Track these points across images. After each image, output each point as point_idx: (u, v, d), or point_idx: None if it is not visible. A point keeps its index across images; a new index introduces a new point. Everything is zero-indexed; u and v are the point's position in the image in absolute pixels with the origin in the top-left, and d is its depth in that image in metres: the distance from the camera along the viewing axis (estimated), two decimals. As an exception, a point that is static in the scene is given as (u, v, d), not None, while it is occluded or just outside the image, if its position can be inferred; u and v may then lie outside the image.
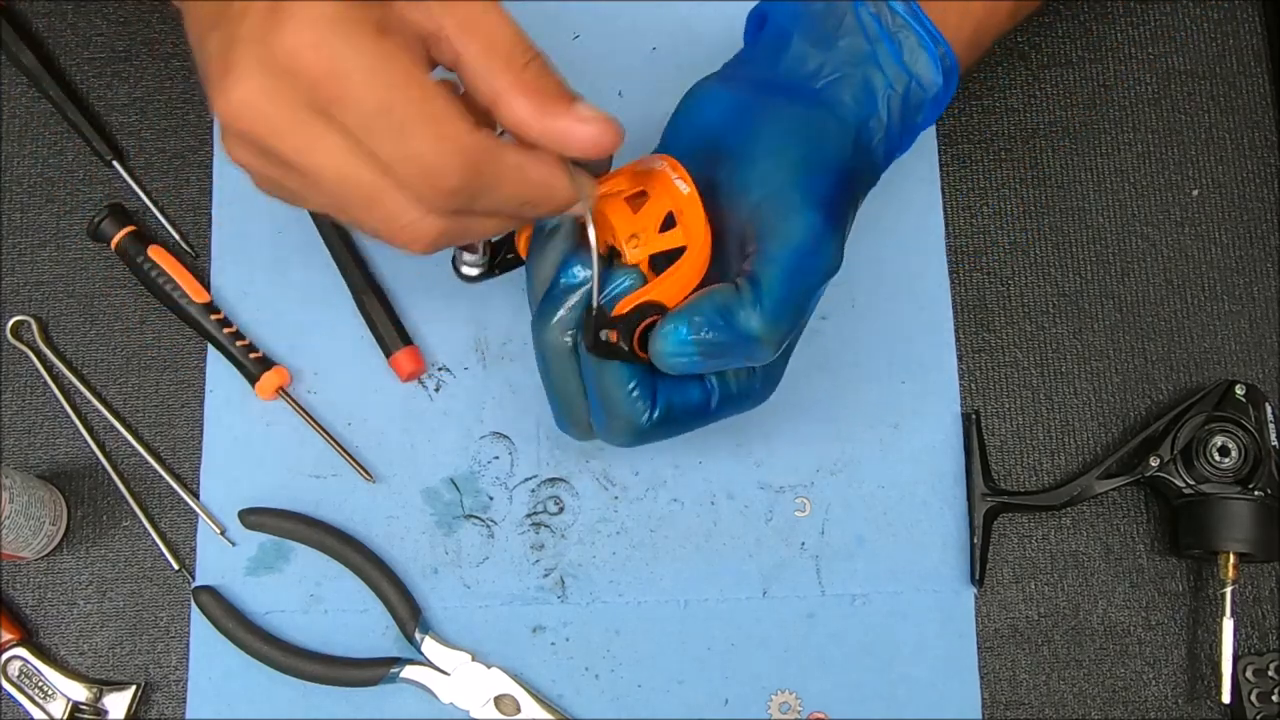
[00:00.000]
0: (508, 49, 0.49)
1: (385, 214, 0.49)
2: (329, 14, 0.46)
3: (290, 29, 0.46)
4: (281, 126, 0.47)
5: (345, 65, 0.46)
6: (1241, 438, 0.66)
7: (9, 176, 0.74)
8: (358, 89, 0.46)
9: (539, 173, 0.50)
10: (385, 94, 0.46)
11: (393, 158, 0.47)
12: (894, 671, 0.68)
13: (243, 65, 0.46)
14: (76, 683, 0.67)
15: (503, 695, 0.67)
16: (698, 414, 0.58)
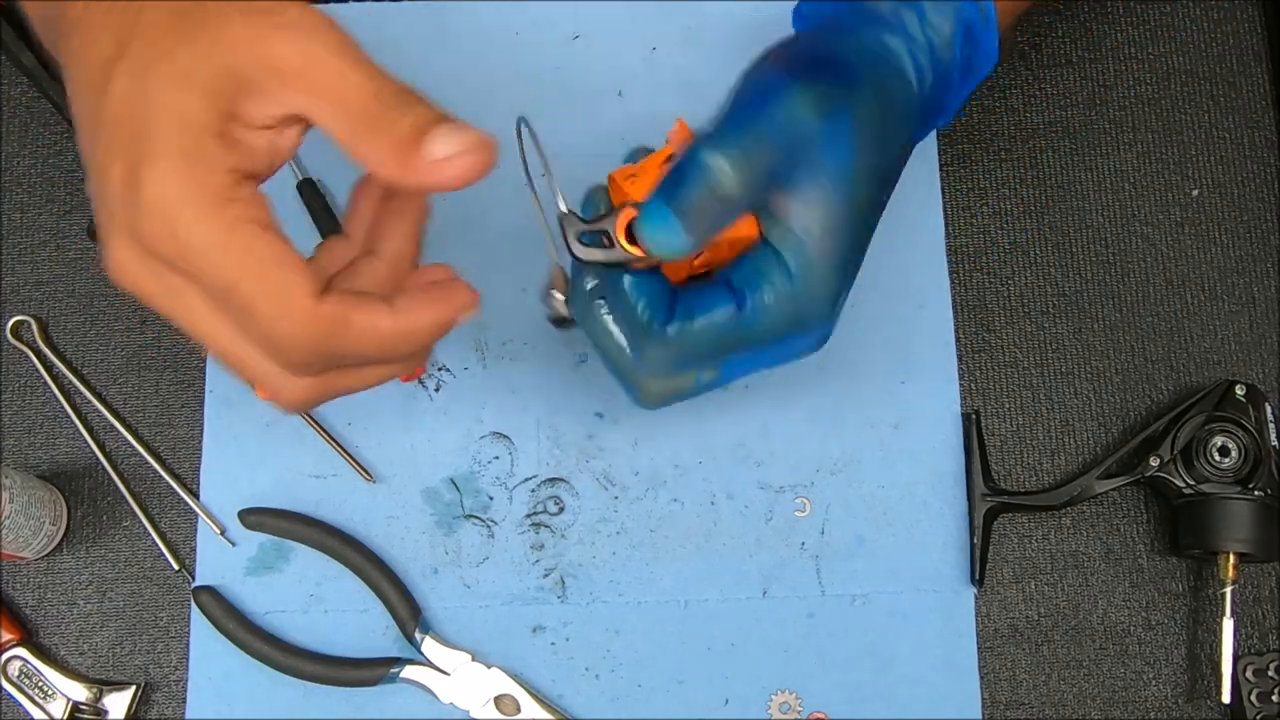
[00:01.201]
0: (356, 105, 0.48)
1: (254, 375, 0.50)
2: (173, 194, 0.46)
3: (144, 214, 0.47)
4: (153, 290, 0.49)
5: (192, 246, 0.46)
6: (1241, 438, 0.66)
7: (9, 176, 0.74)
8: (205, 268, 0.47)
9: (391, 323, 0.50)
10: (229, 273, 0.47)
11: (245, 330, 0.48)
12: (894, 671, 0.68)
13: (116, 240, 0.48)
14: (76, 683, 0.67)
15: (503, 695, 0.67)
16: (728, 326, 0.54)
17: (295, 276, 0.47)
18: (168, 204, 0.46)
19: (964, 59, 0.58)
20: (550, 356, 0.71)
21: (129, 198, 0.47)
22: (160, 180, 0.46)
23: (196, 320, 0.49)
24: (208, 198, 0.47)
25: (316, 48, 0.48)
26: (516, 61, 0.75)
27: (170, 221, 0.46)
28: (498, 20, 0.75)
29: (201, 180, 0.47)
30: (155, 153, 0.47)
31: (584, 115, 0.74)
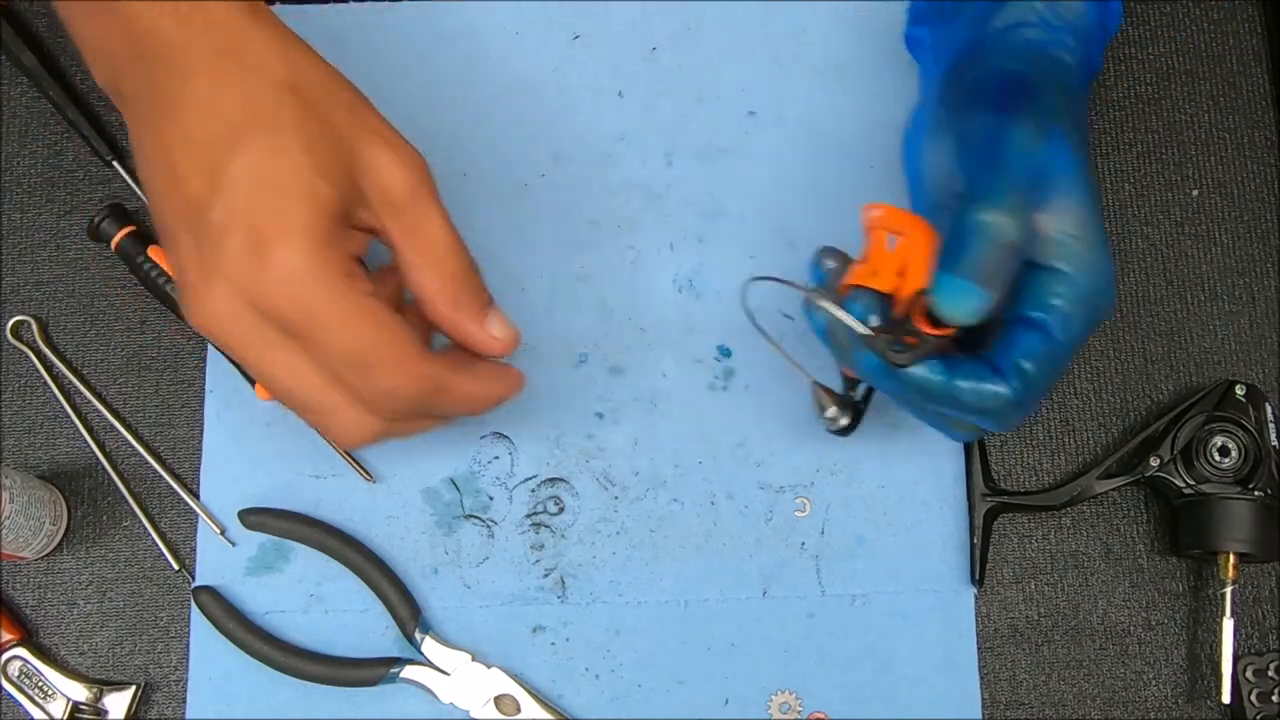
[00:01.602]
0: (441, 258, 0.57)
1: (333, 422, 0.57)
2: (304, 268, 0.52)
3: (272, 280, 0.52)
4: (248, 342, 0.54)
5: (318, 314, 0.53)
6: (1241, 438, 0.66)
7: (9, 176, 0.74)
8: (329, 334, 0.53)
9: (475, 388, 0.58)
10: (353, 338, 0.53)
11: (355, 386, 0.55)
12: (894, 671, 0.68)
13: (218, 291, 0.53)
14: (76, 683, 0.67)
15: (503, 695, 0.67)
16: (1048, 352, 0.57)
17: (410, 338, 0.55)
18: (300, 276, 0.52)
19: (1099, 18, 0.62)
20: (550, 356, 0.71)
21: (253, 262, 0.52)
22: (295, 253, 0.52)
23: (285, 371, 0.55)
24: (338, 274, 0.53)
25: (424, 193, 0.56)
26: (516, 61, 0.75)
27: (300, 291, 0.52)
28: (498, 20, 0.75)
29: (332, 258, 0.53)
30: (292, 228, 0.52)
31: (584, 115, 0.74)
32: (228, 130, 0.53)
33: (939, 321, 0.56)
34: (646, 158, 0.73)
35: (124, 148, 0.74)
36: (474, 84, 0.74)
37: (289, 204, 0.52)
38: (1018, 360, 0.57)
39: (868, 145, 0.73)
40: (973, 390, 0.57)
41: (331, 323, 0.53)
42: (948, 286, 0.55)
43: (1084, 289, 0.57)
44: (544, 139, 0.73)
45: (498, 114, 0.74)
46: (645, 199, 0.73)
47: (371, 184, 0.55)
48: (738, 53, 0.75)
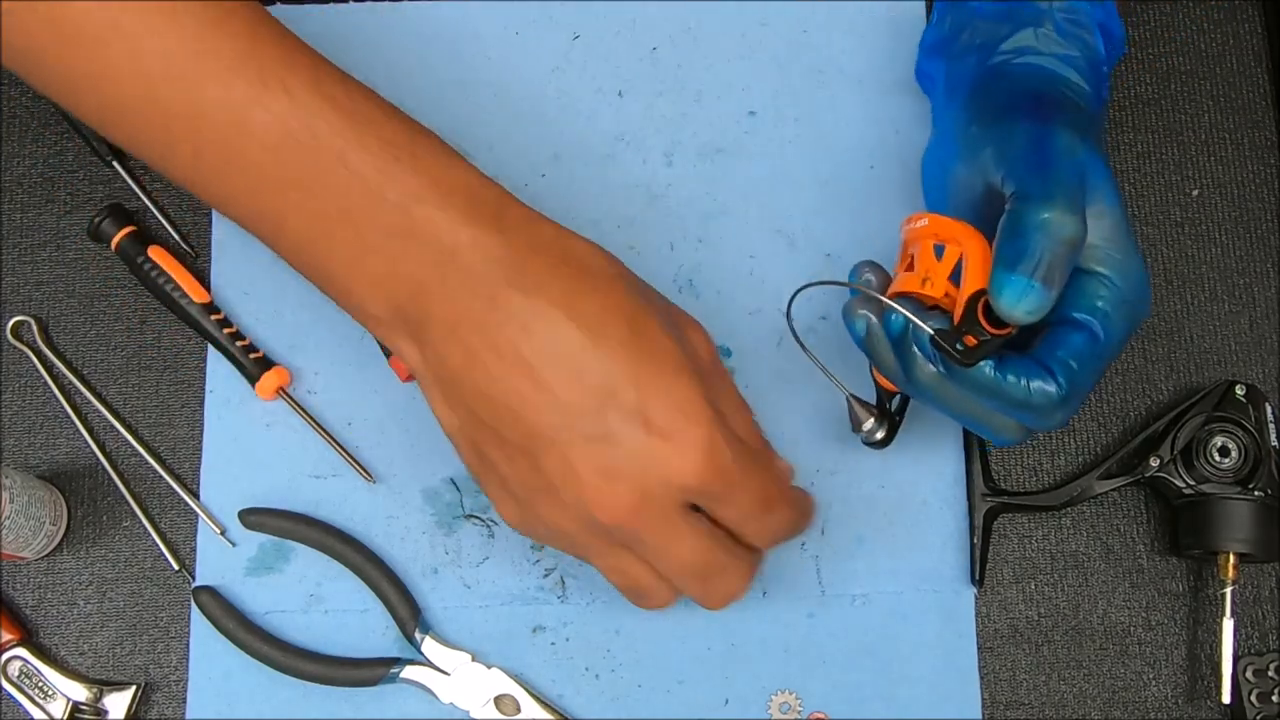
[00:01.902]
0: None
1: (653, 601, 0.60)
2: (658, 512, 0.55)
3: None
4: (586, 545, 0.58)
5: (675, 535, 0.56)
6: (1241, 438, 0.66)
7: (9, 176, 0.74)
8: (676, 557, 0.57)
9: (790, 523, 0.61)
10: (698, 560, 0.57)
11: (701, 589, 0.59)
12: (894, 671, 0.68)
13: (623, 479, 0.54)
14: (76, 683, 0.67)
15: (503, 695, 0.67)
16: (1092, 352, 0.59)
17: (742, 556, 0.59)
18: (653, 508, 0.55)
19: (1105, 49, 0.65)
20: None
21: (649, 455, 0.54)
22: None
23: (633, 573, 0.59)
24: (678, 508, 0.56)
25: (706, 369, 0.57)
26: (516, 61, 0.75)
27: (650, 519, 0.55)
28: (498, 20, 0.75)
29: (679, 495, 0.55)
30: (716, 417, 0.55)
31: (584, 115, 0.74)
32: (587, 336, 0.53)
33: (998, 322, 0.57)
34: (646, 158, 0.73)
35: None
36: (474, 84, 0.74)
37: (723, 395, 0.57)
38: (1065, 359, 0.58)
39: (867, 144, 0.73)
40: (1022, 387, 0.58)
41: (678, 547, 0.57)
42: (1011, 285, 0.56)
43: (1124, 291, 0.59)
44: (544, 139, 0.73)
45: (498, 114, 0.74)
46: (645, 199, 0.73)
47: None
48: (738, 53, 0.75)
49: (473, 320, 0.53)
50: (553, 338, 0.53)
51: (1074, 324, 0.59)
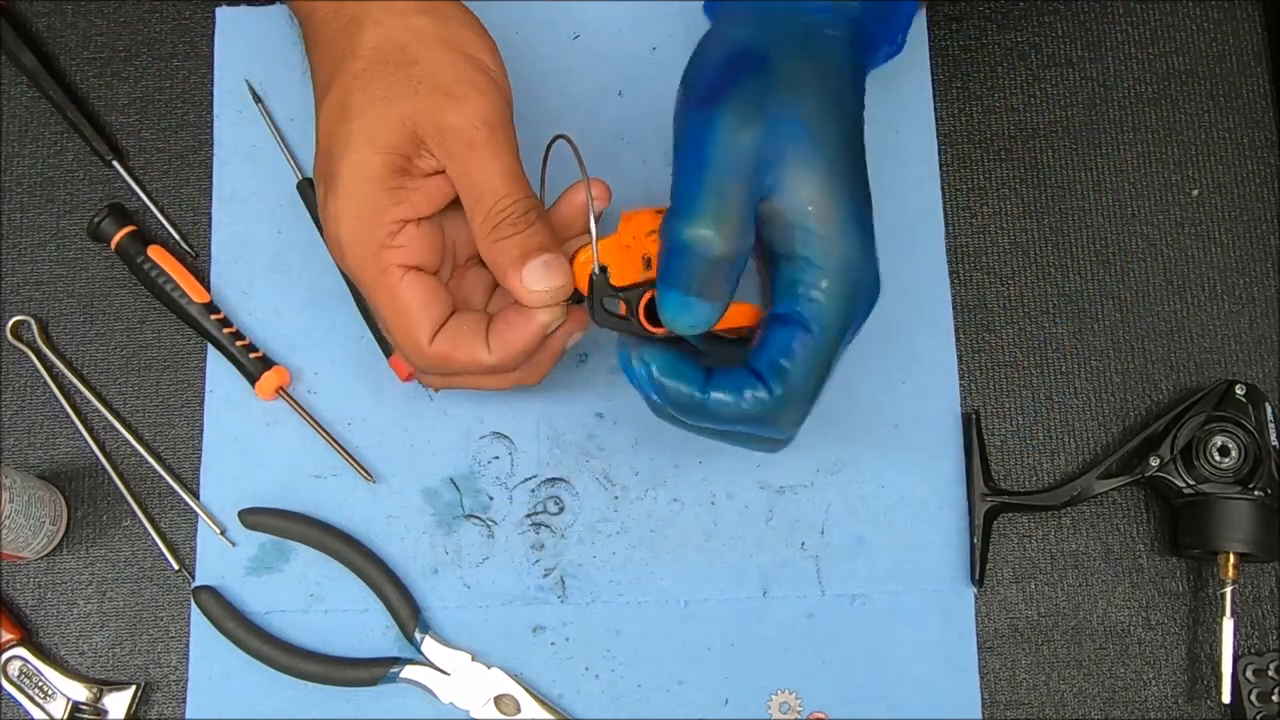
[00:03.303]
0: (485, 201, 0.58)
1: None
2: (345, 233, 0.58)
3: (325, 236, 0.60)
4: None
5: (353, 274, 0.60)
6: (1241, 438, 0.66)
7: (9, 176, 0.74)
8: (362, 290, 0.60)
9: (490, 359, 0.59)
10: (376, 305, 0.60)
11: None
12: (894, 671, 0.68)
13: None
14: (76, 683, 0.67)
15: (503, 695, 0.67)
16: (809, 348, 0.55)
17: (415, 325, 0.59)
18: (340, 238, 0.59)
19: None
20: (550, 356, 0.70)
21: (322, 215, 0.60)
22: (334, 219, 0.58)
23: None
24: (368, 243, 0.58)
25: (481, 135, 0.58)
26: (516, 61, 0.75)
27: (340, 251, 0.59)
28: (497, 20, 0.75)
29: (366, 228, 0.58)
30: (337, 194, 0.58)
31: (584, 115, 0.74)
32: (318, 97, 0.60)
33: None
34: (646, 158, 0.73)
35: (124, 148, 0.74)
36: (474, 84, 0.74)
37: (337, 170, 0.58)
38: (775, 359, 0.55)
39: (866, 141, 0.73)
40: (729, 402, 0.55)
41: (362, 284, 0.60)
42: (668, 300, 0.54)
43: (833, 273, 0.55)
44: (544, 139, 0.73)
45: (498, 114, 0.74)
46: (645, 199, 0.73)
47: (429, 130, 0.58)
48: (738, 53, 0.75)
49: (308, 40, 0.63)
50: (324, 103, 0.60)
51: (781, 319, 0.55)
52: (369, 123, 0.58)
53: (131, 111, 0.74)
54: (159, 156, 0.74)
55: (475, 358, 0.59)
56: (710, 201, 0.54)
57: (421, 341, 0.59)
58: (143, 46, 0.75)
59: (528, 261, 0.58)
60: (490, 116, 0.59)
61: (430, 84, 0.58)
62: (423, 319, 0.59)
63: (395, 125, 0.58)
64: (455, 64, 0.59)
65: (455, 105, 0.58)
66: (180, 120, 0.74)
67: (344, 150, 0.58)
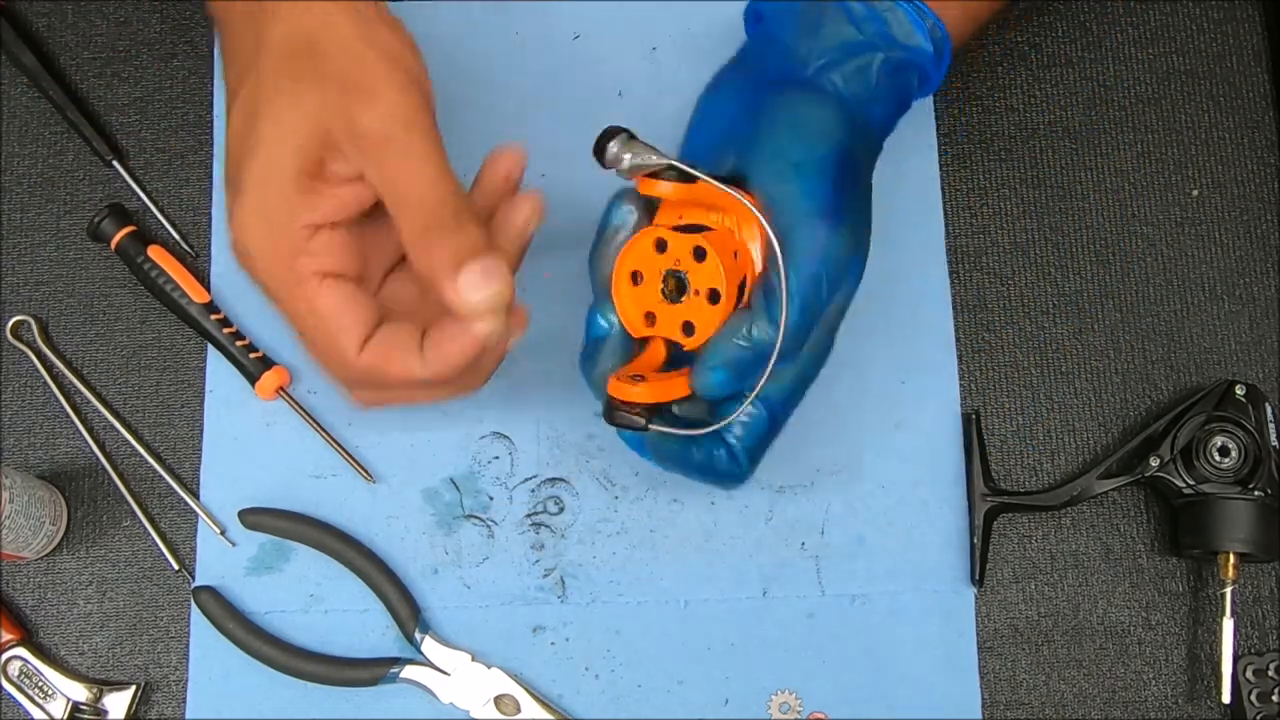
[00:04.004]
0: (412, 204, 0.54)
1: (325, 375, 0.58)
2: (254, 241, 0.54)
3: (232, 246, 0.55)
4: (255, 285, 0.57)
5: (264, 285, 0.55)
6: (1241, 438, 0.66)
7: (9, 176, 0.74)
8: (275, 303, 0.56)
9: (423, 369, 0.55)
10: (291, 317, 0.56)
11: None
12: (894, 671, 0.68)
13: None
14: (76, 683, 0.67)
15: (503, 695, 0.67)
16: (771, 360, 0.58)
17: (340, 335, 0.55)
18: (249, 247, 0.54)
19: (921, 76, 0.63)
20: (551, 356, 0.70)
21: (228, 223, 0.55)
22: (242, 226, 0.54)
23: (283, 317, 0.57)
24: (280, 250, 0.54)
25: (399, 133, 0.54)
26: (516, 61, 0.75)
27: (250, 262, 0.55)
28: (498, 20, 0.75)
29: (277, 233, 0.54)
30: (245, 199, 0.54)
31: (584, 115, 0.74)
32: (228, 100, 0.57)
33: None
34: (646, 158, 0.73)
35: (124, 148, 0.74)
36: (474, 84, 0.74)
37: (246, 172, 0.54)
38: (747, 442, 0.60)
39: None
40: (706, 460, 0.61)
41: (275, 295, 0.55)
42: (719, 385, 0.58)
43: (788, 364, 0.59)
44: (544, 139, 0.73)
45: (498, 114, 0.74)
46: (645, 199, 0.73)
47: (344, 131, 0.54)
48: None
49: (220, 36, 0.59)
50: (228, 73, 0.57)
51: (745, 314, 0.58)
52: (279, 123, 0.54)
53: (131, 111, 0.74)
54: (159, 156, 0.74)
55: (408, 370, 0.55)
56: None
57: (348, 353, 0.55)
58: (143, 46, 0.75)
59: (462, 268, 0.53)
60: (408, 113, 0.54)
61: (342, 81, 0.54)
62: (348, 327, 0.55)
63: (306, 125, 0.53)
64: (369, 60, 0.54)
65: (369, 103, 0.53)
66: (180, 120, 0.74)
67: (252, 152, 0.54)
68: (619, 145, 0.57)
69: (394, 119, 0.54)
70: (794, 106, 0.60)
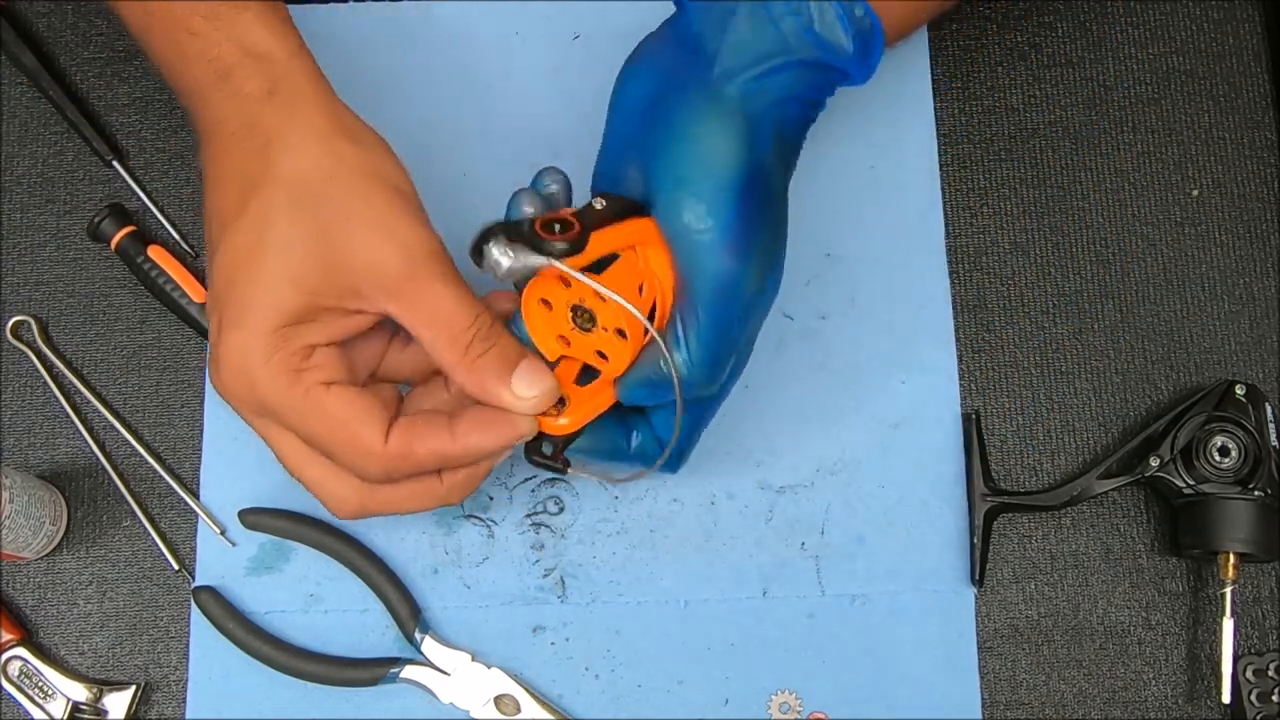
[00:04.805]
0: (450, 329, 0.56)
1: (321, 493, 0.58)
2: (251, 361, 0.54)
3: (223, 368, 0.55)
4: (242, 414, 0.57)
5: (270, 404, 0.55)
6: (1241, 438, 0.66)
7: (9, 176, 0.74)
8: (285, 421, 0.56)
9: (452, 449, 0.57)
10: (305, 429, 0.55)
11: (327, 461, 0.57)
12: (894, 671, 0.68)
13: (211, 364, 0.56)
14: (76, 683, 0.67)
15: (503, 695, 0.67)
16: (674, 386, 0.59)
17: (364, 426, 0.55)
18: (250, 371, 0.54)
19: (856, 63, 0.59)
20: (550, 356, 0.71)
21: (216, 346, 0.55)
22: (241, 353, 0.54)
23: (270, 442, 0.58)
24: (283, 368, 0.54)
25: (423, 272, 0.55)
26: (516, 61, 0.75)
27: (249, 386, 0.55)
28: (498, 20, 0.75)
29: (279, 357, 0.54)
30: (246, 329, 0.54)
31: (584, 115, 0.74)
32: (220, 221, 0.56)
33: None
34: (646, 158, 0.73)
35: (124, 148, 0.74)
36: (474, 84, 0.74)
37: (246, 298, 0.54)
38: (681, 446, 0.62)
39: (866, 141, 0.73)
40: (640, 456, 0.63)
41: (282, 412, 0.55)
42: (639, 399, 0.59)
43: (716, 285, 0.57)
44: (544, 139, 0.73)
45: (498, 114, 0.74)
46: (645, 199, 0.73)
47: (364, 272, 0.55)
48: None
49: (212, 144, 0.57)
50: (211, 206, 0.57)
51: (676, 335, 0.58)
52: (292, 261, 0.54)
53: (131, 111, 0.74)
54: (159, 156, 0.74)
55: (439, 447, 0.56)
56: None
57: (374, 443, 0.55)
58: (143, 46, 0.75)
59: (512, 374, 0.56)
60: (426, 244, 0.56)
61: (363, 220, 0.55)
62: (367, 419, 0.55)
63: (320, 265, 0.54)
64: (382, 196, 0.56)
65: (390, 241, 0.55)
66: (180, 120, 0.74)
67: (256, 286, 0.54)
68: (499, 248, 0.53)
69: (415, 254, 0.55)
70: (696, 120, 0.57)
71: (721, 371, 0.58)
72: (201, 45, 0.57)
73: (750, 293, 0.57)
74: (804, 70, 0.58)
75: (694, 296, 0.57)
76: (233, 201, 0.55)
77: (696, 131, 0.57)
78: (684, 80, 0.58)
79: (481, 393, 0.56)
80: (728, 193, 0.56)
